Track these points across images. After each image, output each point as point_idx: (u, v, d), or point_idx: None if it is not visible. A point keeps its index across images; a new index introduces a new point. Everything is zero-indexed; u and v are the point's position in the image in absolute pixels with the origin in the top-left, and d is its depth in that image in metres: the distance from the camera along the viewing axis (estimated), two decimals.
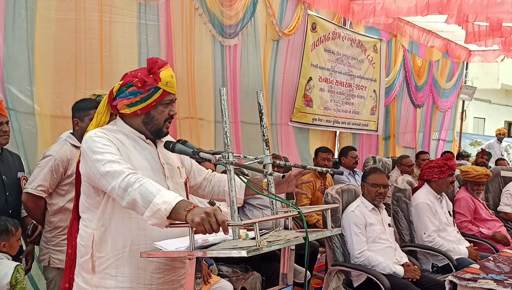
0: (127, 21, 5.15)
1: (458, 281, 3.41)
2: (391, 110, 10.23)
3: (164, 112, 2.43)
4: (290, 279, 2.67)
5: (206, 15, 5.96)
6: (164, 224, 2.13)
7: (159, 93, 2.38)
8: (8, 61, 4.25)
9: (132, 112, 2.41)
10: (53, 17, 4.53)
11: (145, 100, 2.38)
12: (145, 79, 2.34)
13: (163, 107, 2.42)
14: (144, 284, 2.37)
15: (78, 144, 3.55)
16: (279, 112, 7.49)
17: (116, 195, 2.20)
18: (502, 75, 19.62)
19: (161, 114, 2.43)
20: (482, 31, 8.71)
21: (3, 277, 3.14)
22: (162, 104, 2.41)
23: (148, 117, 2.42)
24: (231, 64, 6.43)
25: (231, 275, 4.51)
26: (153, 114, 2.42)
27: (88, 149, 2.30)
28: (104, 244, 2.35)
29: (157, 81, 2.35)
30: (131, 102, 2.38)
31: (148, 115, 2.42)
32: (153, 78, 2.35)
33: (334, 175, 6.92)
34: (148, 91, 2.36)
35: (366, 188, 4.43)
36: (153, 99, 2.38)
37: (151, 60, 2.39)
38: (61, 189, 3.55)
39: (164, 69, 2.39)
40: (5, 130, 3.42)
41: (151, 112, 2.41)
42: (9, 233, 3.27)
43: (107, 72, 4.92)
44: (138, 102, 2.38)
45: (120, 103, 2.41)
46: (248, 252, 2.02)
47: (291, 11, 7.36)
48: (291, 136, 7.77)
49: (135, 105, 2.39)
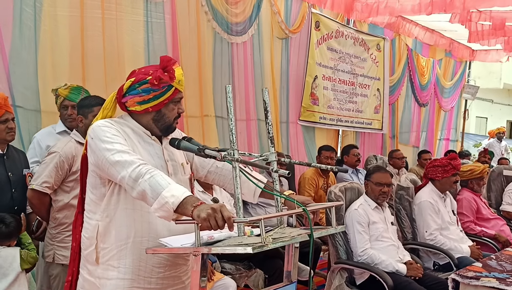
0: (134, 18, 5.18)
1: (461, 279, 3.42)
2: (396, 109, 10.23)
3: (174, 110, 2.46)
4: (294, 276, 2.67)
5: (211, 13, 5.97)
6: (170, 218, 2.15)
7: (171, 91, 2.40)
8: (14, 58, 4.27)
9: (143, 109, 2.42)
10: (59, 15, 4.55)
11: (158, 98, 2.40)
12: (161, 76, 2.36)
13: (173, 105, 2.45)
14: (144, 276, 2.39)
15: (82, 141, 3.56)
16: (288, 110, 7.51)
17: (126, 185, 2.22)
18: (504, 74, 19.60)
19: (172, 112, 2.45)
20: (485, 30, 8.69)
21: (12, 260, 3.22)
22: (173, 102, 2.44)
23: (159, 114, 2.44)
24: (238, 61, 6.44)
25: (234, 272, 4.54)
26: (164, 111, 2.44)
27: (96, 138, 2.31)
28: (108, 235, 2.38)
29: (172, 79, 2.37)
30: (143, 99, 2.40)
31: (159, 112, 2.44)
32: (169, 76, 2.37)
33: (337, 173, 6.94)
34: (162, 88, 2.38)
35: (370, 186, 4.44)
36: (165, 97, 2.40)
37: (165, 58, 2.41)
38: (66, 186, 3.57)
39: (176, 68, 2.42)
40: (11, 127, 3.43)
41: (162, 110, 2.44)
42: (12, 237, 3.32)
43: (112, 70, 4.94)
44: (151, 99, 2.39)
45: (130, 100, 2.42)
46: (254, 248, 2.03)
47: (296, 9, 7.37)
48: (299, 134, 7.78)
49: (147, 103, 2.40)
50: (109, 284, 2.38)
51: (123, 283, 2.37)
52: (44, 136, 4.00)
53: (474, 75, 14.66)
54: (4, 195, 3.42)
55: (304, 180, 6.39)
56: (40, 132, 4.09)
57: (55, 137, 3.92)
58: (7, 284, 3.19)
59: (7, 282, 3.19)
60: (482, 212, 5.68)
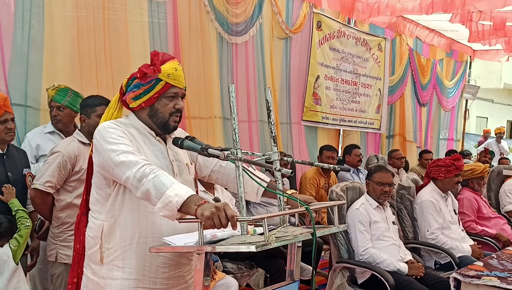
0: (138, 19, 5.19)
1: (462, 278, 3.43)
2: (398, 109, 10.23)
3: (168, 105, 2.45)
4: (297, 275, 2.68)
5: (212, 13, 5.98)
6: (174, 217, 2.16)
7: (161, 85, 2.41)
8: (16, 58, 4.27)
9: (137, 105, 2.45)
10: (62, 15, 4.55)
11: (147, 92, 2.42)
12: (144, 70, 2.39)
13: (166, 100, 2.44)
14: (149, 277, 2.40)
15: (85, 141, 3.59)
16: (291, 111, 7.49)
17: (130, 185, 2.23)
18: (505, 74, 19.64)
19: (165, 107, 2.45)
20: (486, 30, 8.69)
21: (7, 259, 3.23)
22: (165, 97, 2.44)
23: (152, 110, 2.45)
24: (239, 62, 6.44)
25: (236, 271, 4.55)
26: (157, 106, 2.45)
27: (101, 139, 2.33)
28: (113, 235, 2.39)
29: (155, 72, 2.38)
30: (135, 94, 2.43)
31: (152, 108, 2.45)
32: (152, 69, 2.39)
33: (338, 173, 6.95)
34: (150, 82, 2.40)
35: (372, 186, 4.45)
36: (155, 91, 2.41)
37: (152, 53, 2.44)
38: (69, 185, 3.58)
39: (168, 62, 2.43)
40: (10, 127, 3.43)
41: (154, 105, 2.44)
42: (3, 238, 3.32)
43: (116, 71, 4.95)
44: (142, 94, 2.42)
45: (128, 97, 2.47)
46: (257, 247, 2.04)
47: (297, 9, 7.37)
48: (302, 135, 7.75)
49: (139, 98, 2.43)
50: (114, 284, 2.39)
51: (128, 283, 2.38)
52: (35, 135, 4.03)
53: (475, 75, 14.67)
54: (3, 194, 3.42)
55: (305, 180, 6.40)
56: (31, 131, 4.11)
57: (45, 137, 3.96)
58: (5, 280, 3.19)
59: (5, 278, 3.19)
60: (483, 211, 5.70)
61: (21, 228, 3.34)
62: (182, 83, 2.47)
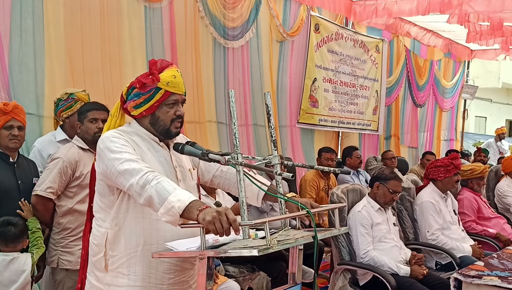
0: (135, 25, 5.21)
1: (463, 278, 3.44)
2: (393, 110, 10.24)
3: (169, 112, 2.46)
4: (299, 278, 2.69)
5: (208, 18, 5.98)
6: (177, 222, 2.17)
7: (160, 93, 2.41)
8: (15, 64, 4.28)
9: (138, 113, 2.46)
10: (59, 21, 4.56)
11: (148, 101, 2.43)
12: (143, 80, 2.40)
13: (167, 107, 2.45)
14: (155, 283, 2.41)
15: (84, 146, 3.61)
16: (286, 114, 7.49)
17: (134, 192, 2.24)
18: (503, 74, 19.62)
19: (166, 115, 2.46)
20: (483, 31, 8.71)
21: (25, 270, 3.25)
22: (166, 105, 2.45)
23: (154, 118, 2.47)
24: (234, 66, 6.44)
25: (238, 275, 4.54)
26: (158, 114, 2.46)
27: (105, 148, 2.35)
28: (117, 243, 2.40)
29: (154, 82, 2.39)
30: (136, 103, 2.44)
31: (153, 116, 2.46)
32: (151, 79, 2.39)
33: (338, 175, 6.95)
34: (149, 92, 2.41)
35: (383, 191, 4.40)
36: (155, 100, 2.42)
37: (150, 62, 2.45)
38: (70, 191, 3.60)
39: (167, 70, 2.44)
40: (14, 134, 3.44)
41: (155, 113, 2.46)
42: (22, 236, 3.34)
43: (113, 77, 4.96)
44: (142, 103, 2.43)
45: (128, 105, 2.48)
46: (259, 251, 2.04)
47: (294, 12, 7.37)
48: (297, 137, 7.76)
49: (140, 107, 2.44)
50: None
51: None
52: (44, 145, 3.97)
53: (473, 75, 14.67)
54: (13, 203, 3.44)
55: (305, 182, 6.40)
56: (39, 141, 4.04)
57: (56, 146, 3.91)
58: None
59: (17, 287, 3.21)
60: (483, 211, 5.70)
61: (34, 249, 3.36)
62: (181, 89, 2.48)
